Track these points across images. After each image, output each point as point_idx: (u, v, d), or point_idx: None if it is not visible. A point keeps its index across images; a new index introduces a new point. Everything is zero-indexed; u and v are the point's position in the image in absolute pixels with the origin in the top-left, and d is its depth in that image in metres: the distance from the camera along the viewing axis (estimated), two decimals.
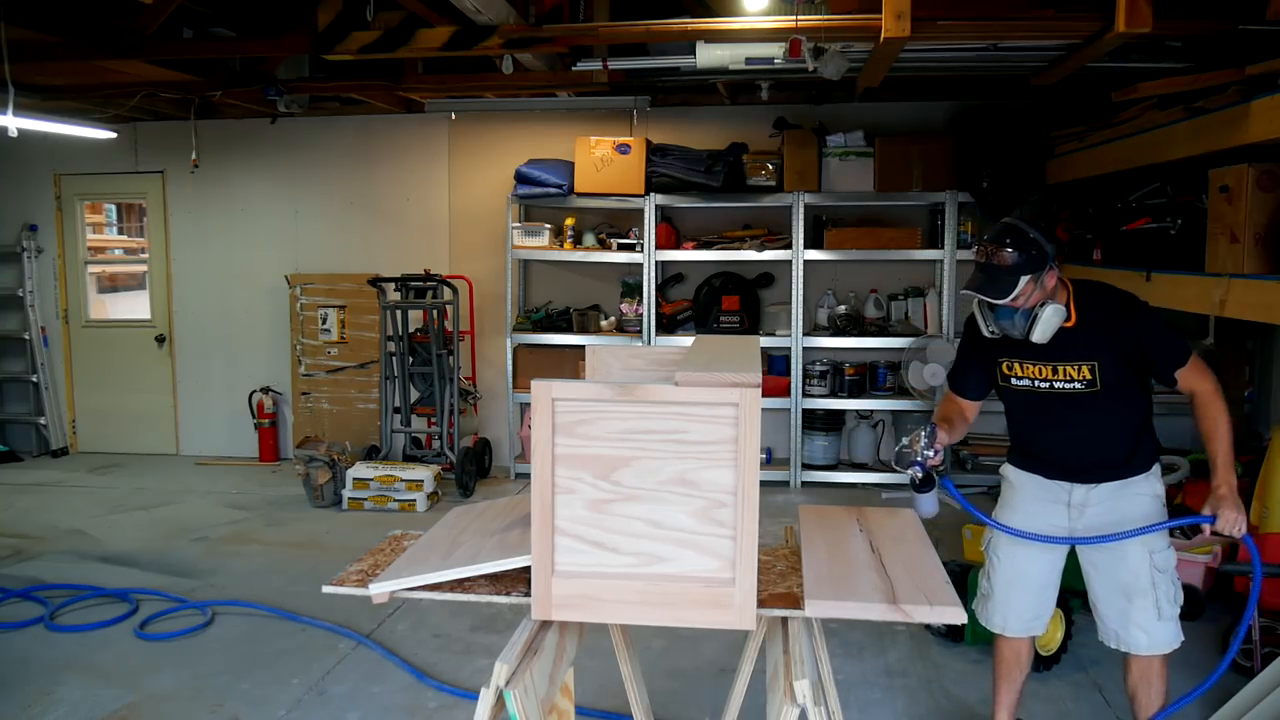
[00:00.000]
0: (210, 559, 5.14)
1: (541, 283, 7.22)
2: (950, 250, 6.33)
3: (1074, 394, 2.62)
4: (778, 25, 4.54)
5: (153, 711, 3.45)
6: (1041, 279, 2.51)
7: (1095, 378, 2.58)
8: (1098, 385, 2.59)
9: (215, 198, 7.51)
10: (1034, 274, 2.49)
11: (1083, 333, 2.58)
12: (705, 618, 1.77)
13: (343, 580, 2.03)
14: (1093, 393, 2.60)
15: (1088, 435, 2.66)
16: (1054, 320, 2.54)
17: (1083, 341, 2.58)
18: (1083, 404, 2.63)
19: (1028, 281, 2.49)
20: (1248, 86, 3.70)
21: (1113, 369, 2.57)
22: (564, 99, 6.79)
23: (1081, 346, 2.58)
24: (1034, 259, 2.49)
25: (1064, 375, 2.61)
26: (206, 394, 7.67)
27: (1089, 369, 2.58)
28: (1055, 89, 5.52)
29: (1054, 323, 2.54)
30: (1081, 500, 2.71)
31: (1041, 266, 2.50)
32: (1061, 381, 2.63)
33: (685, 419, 1.73)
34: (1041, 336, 2.55)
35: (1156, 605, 2.64)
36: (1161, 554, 2.65)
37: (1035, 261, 2.49)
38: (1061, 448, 2.72)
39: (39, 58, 5.05)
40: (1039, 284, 2.51)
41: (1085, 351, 2.58)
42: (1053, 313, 2.53)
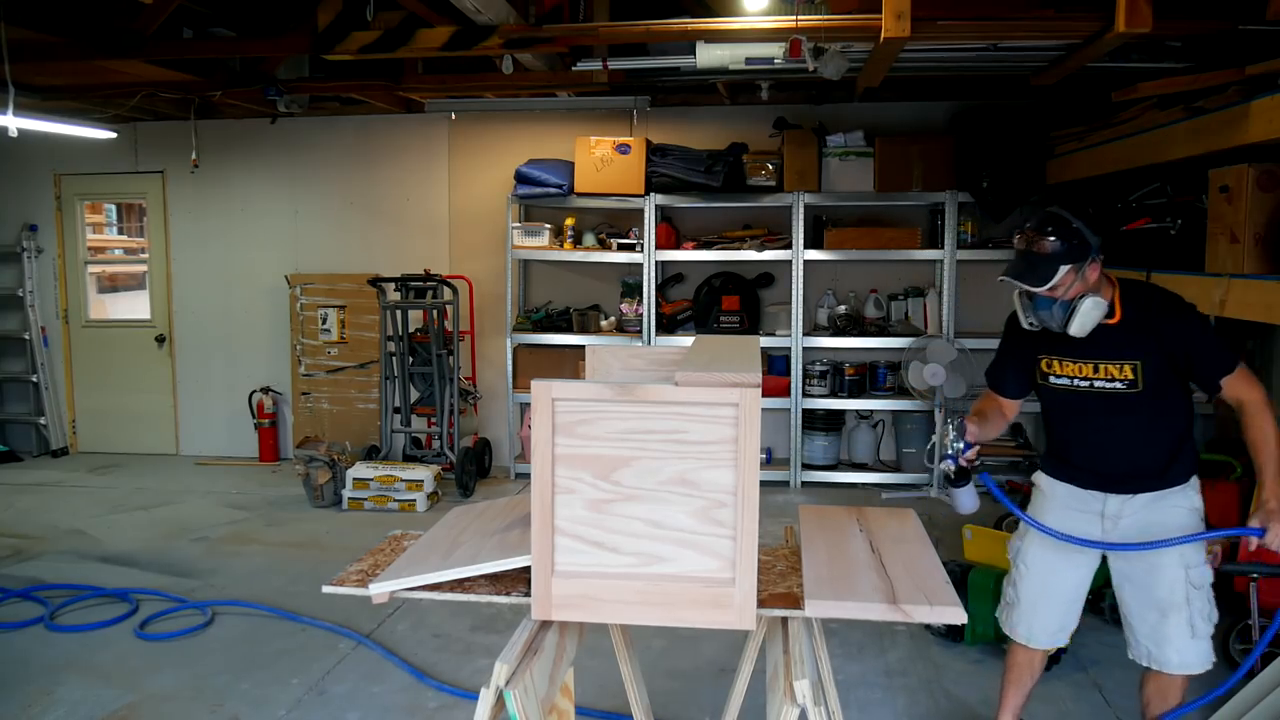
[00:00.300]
0: (210, 559, 5.14)
1: (541, 283, 7.22)
2: (950, 250, 6.33)
3: (1115, 394, 2.53)
4: (778, 25, 4.54)
5: (153, 711, 3.45)
6: (1083, 270, 2.43)
7: (1138, 378, 2.49)
8: (1139, 386, 2.50)
9: (215, 198, 7.51)
10: (1074, 264, 2.41)
11: (1127, 331, 2.50)
12: (705, 618, 1.77)
13: (343, 580, 2.03)
14: (1134, 394, 2.51)
15: (1126, 440, 2.57)
16: (1093, 313, 2.45)
17: (1126, 340, 2.49)
18: (1123, 406, 2.53)
19: (1067, 271, 2.41)
20: (1248, 86, 3.70)
21: (1156, 370, 2.48)
22: (564, 99, 6.79)
23: (1125, 345, 2.50)
24: (1075, 249, 2.42)
25: (1105, 374, 2.53)
26: (206, 394, 7.67)
27: (1131, 369, 2.49)
28: (1055, 89, 5.52)
29: (1093, 316, 2.46)
30: (1116, 511, 2.62)
31: (1083, 257, 2.42)
32: (1103, 381, 2.54)
33: (685, 419, 1.73)
34: (1080, 329, 2.47)
35: (1190, 622, 2.54)
36: (1198, 569, 2.55)
37: (1076, 251, 2.42)
38: (1098, 452, 2.62)
39: (39, 58, 5.05)
40: (1080, 275, 2.43)
41: (1129, 350, 2.49)
42: (1092, 305, 2.44)
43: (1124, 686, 3.58)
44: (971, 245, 6.41)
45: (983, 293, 6.65)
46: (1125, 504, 2.59)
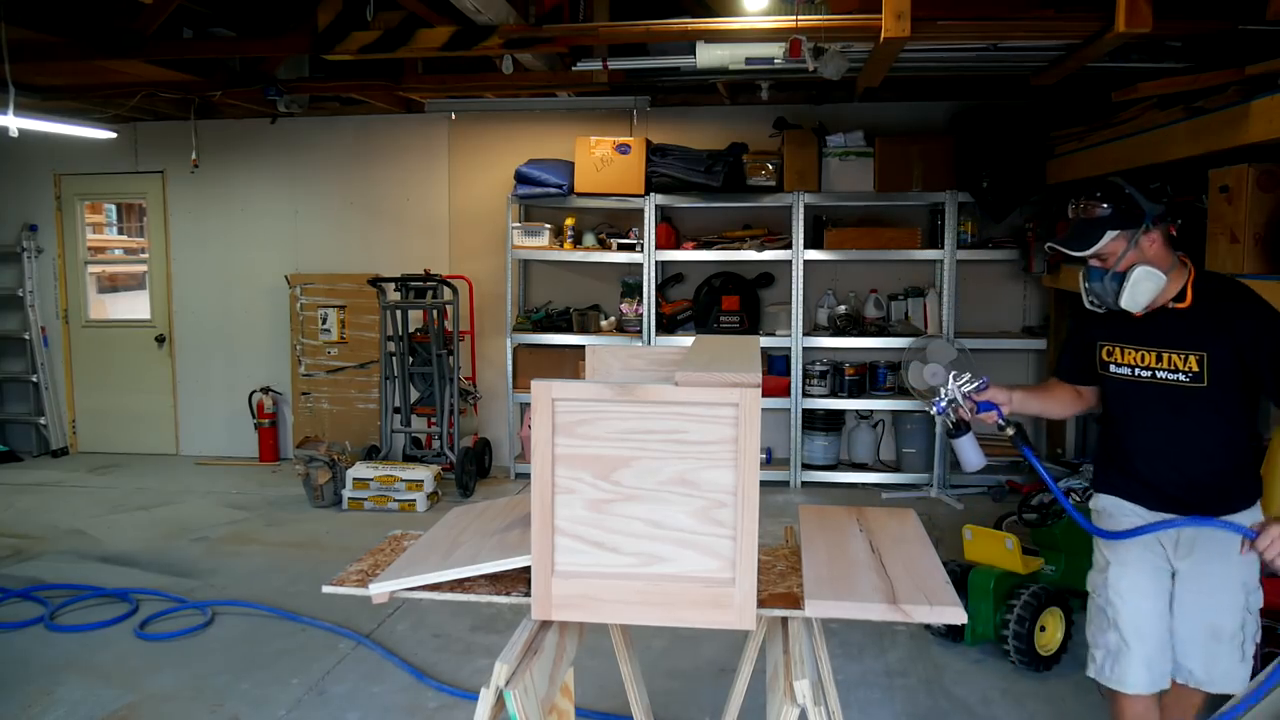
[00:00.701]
0: (210, 559, 5.14)
1: (541, 283, 7.22)
2: (950, 250, 6.33)
3: (1177, 388, 2.33)
4: (778, 25, 4.54)
5: (153, 711, 3.45)
6: (1137, 239, 2.27)
7: (1203, 371, 2.28)
8: (1204, 380, 2.29)
9: (215, 198, 7.51)
10: (1124, 230, 2.27)
11: (1196, 317, 2.30)
12: (705, 618, 1.77)
13: (343, 580, 2.03)
14: (1198, 389, 2.30)
15: (1185, 443, 2.36)
16: (1146, 285, 2.28)
17: (1195, 327, 2.30)
18: (1186, 401, 2.33)
19: (1116, 238, 2.27)
20: (1248, 86, 3.70)
21: (1223, 366, 2.27)
22: (564, 99, 6.79)
23: (1192, 333, 2.30)
24: (1124, 213, 2.28)
25: (1169, 364, 2.32)
26: (206, 394, 7.67)
27: (1197, 360, 2.28)
28: (1055, 89, 5.52)
29: (1146, 288, 2.28)
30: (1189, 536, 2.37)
31: (1134, 224, 2.27)
32: (1165, 371, 2.33)
33: (685, 419, 1.73)
34: (1132, 302, 2.30)
35: (1242, 647, 2.39)
36: (1256, 594, 2.40)
37: (1126, 217, 2.27)
38: (1159, 459, 2.40)
39: (39, 58, 5.05)
40: (1133, 244, 2.27)
41: (1196, 339, 2.29)
42: (1144, 275, 2.27)
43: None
44: (971, 245, 6.41)
45: (983, 293, 6.66)
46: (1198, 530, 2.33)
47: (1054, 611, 3.71)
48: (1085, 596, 4.09)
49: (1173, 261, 2.33)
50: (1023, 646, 3.61)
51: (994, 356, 6.70)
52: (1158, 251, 2.31)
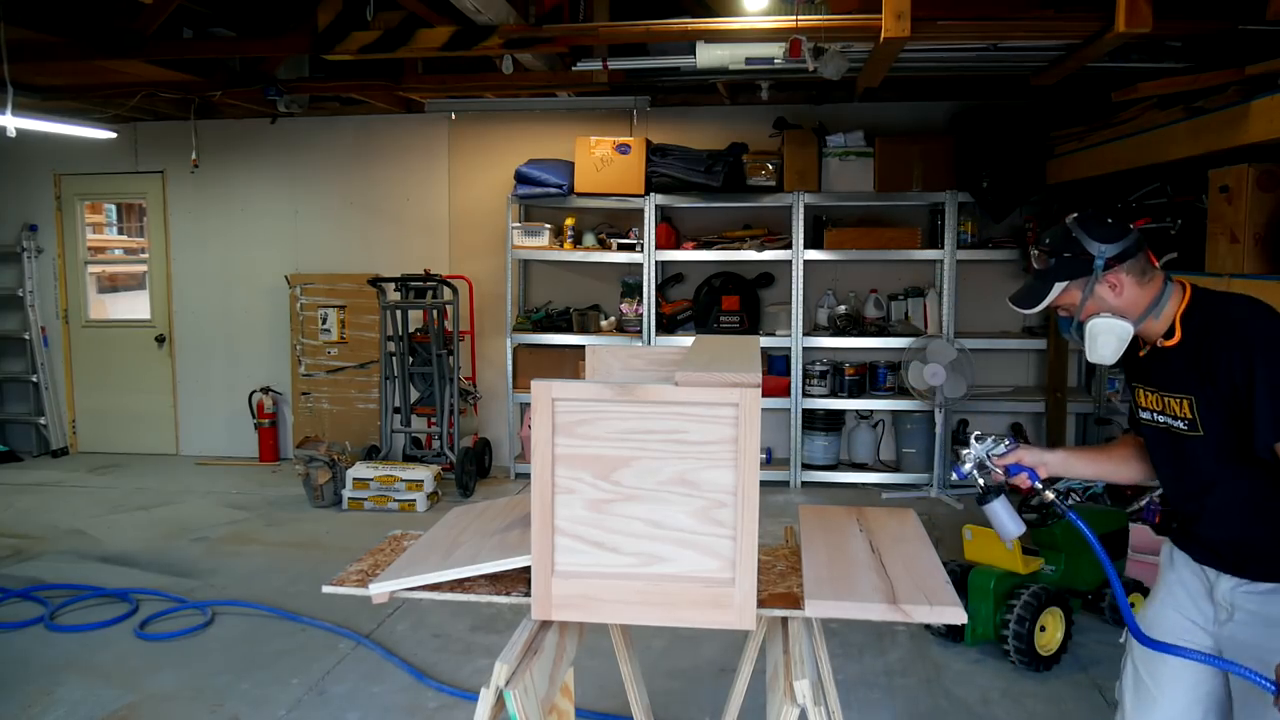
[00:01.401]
0: (210, 559, 5.14)
1: (541, 283, 7.22)
2: (950, 250, 6.33)
3: (1182, 436, 2.06)
4: (778, 25, 4.54)
5: (153, 711, 3.45)
6: (1093, 287, 2.05)
7: (1195, 418, 2.02)
8: (1199, 429, 2.02)
9: (215, 198, 7.51)
10: (1071, 280, 2.07)
11: (1184, 356, 2.03)
12: (705, 618, 1.77)
13: (343, 580, 2.03)
14: (1197, 438, 2.02)
15: (1206, 494, 2.06)
16: (1105, 339, 2.07)
17: (1178, 368, 2.05)
18: (1192, 451, 2.05)
19: (1066, 289, 2.08)
20: (1248, 86, 3.70)
21: (1214, 409, 1.99)
22: (564, 99, 6.79)
23: (1183, 374, 2.04)
24: (1069, 263, 2.07)
25: (1169, 410, 2.08)
26: (206, 394, 7.67)
27: (1188, 405, 2.03)
28: (1055, 89, 5.52)
29: (1105, 342, 2.07)
30: (1228, 599, 2.03)
31: (1080, 272, 2.05)
32: (1167, 418, 2.09)
33: (685, 419, 1.72)
34: (1096, 356, 2.10)
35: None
36: None
37: (1070, 266, 2.06)
38: (1189, 507, 2.13)
39: (39, 58, 5.05)
40: (1089, 292, 2.06)
41: (1183, 381, 2.04)
42: (1102, 328, 2.06)
43: None
44: (971, 245, 6.41)
45: (983, 293, 6.66)
46: (1239, 591, 2.01)
47: (1054, 611, 3.71)
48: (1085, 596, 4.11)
49: (1155, 296, 2.06)
50: (1023, 646, 3.61)
51: (994, 356, 6.70)
52: (1125, 295, 2.06)
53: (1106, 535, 4.12)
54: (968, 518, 5.46)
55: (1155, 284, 2.07)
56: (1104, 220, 2.09)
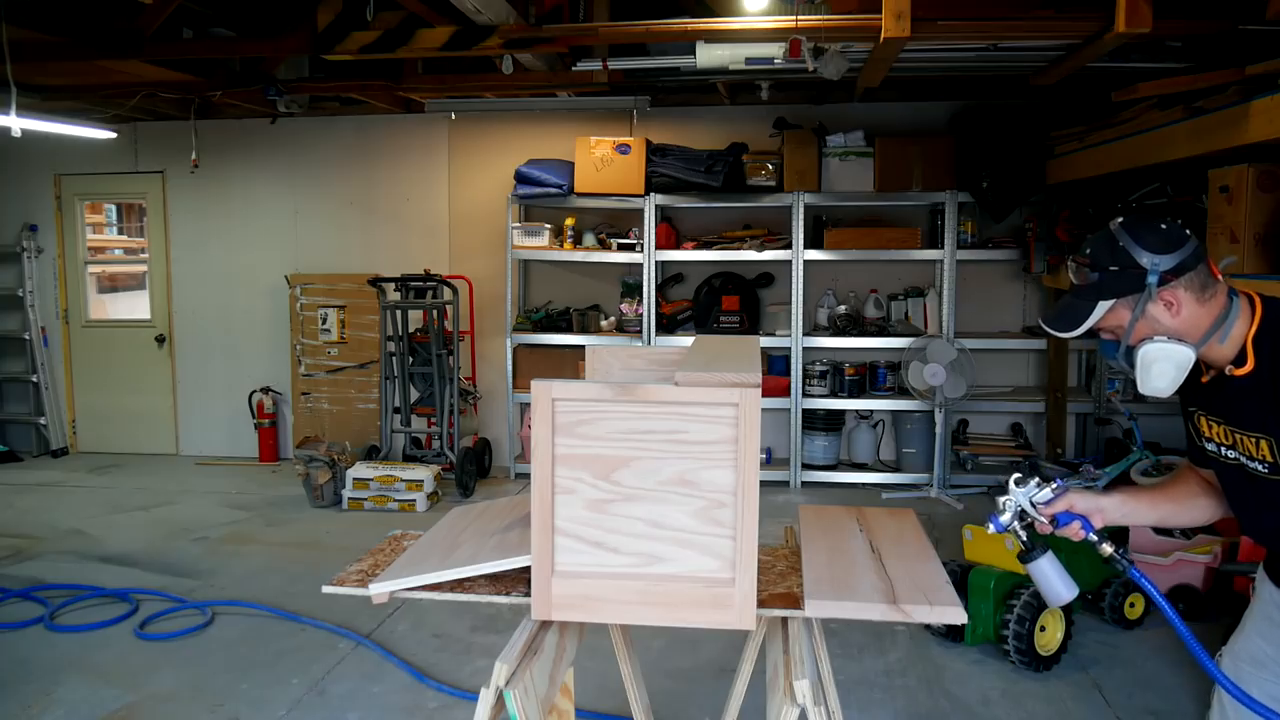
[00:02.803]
0: (210, 559, 5.14)
1: (541, 283, 7.22)
2: (950, 250, 6.33)
3: (1261, 478, 1.80)
4: (778, 25, 4.54)
5: (153, 711, 3.45)
6: (1144, 306, 1.76)
7: (1277, 461, 1.76)
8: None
9: (215, 198, 7.51)
10: (1120, 298, 1.78)
11: (1255, 390, 1.75)
12: (705, 618, 1.77)
13: (343, 580, 2.03)
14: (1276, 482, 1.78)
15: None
16: (1161, 368, 1.77)
17: (1254, 403, 1.76)
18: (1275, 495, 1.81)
19: (1113, 309, 1.79)
20: (1248, 86, 3.70)
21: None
22: (564, 99, 6.79)
23: (1257, 409, 1.76)
24: (1114, 278, 1.77)
25: (1243, 448, 1.81)
26: (206, 394, 7.67)
27: (1268, 446, 1.76)
28: (1055, 89, 5.52)
29: (1162, 371, 1.77)
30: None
31: (1129, 289, 1.76)
32: (1239, 455, 1.83)
33: (685, 419, 1.72)
34: (1151, 389, 1.80)
35: None
36: None
37: (1118, 282, 1.77)
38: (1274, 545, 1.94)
39: (39, 58, 5.05)
40: (1139, 312, 1.76)
41: (1260, 417, 1.76)
42: (1156, 355, 1.77)
43: (1124, 686, 3.58)
44: (971, 245, 6.41)
45: (983, 293, 6.67)
46: None
47: (1054, 612, 3.71)
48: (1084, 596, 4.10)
49: (1218, 314, 1.77)
50: (1023, 646, 3.61)
51: (994, 356, 6.70)
52: (1184, 314, 1.77)
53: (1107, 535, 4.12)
54: (968, 518, 5.46)
55: (1218, 300, 1.77)
56: (1156, 226, 1.78)
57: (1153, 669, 3.72)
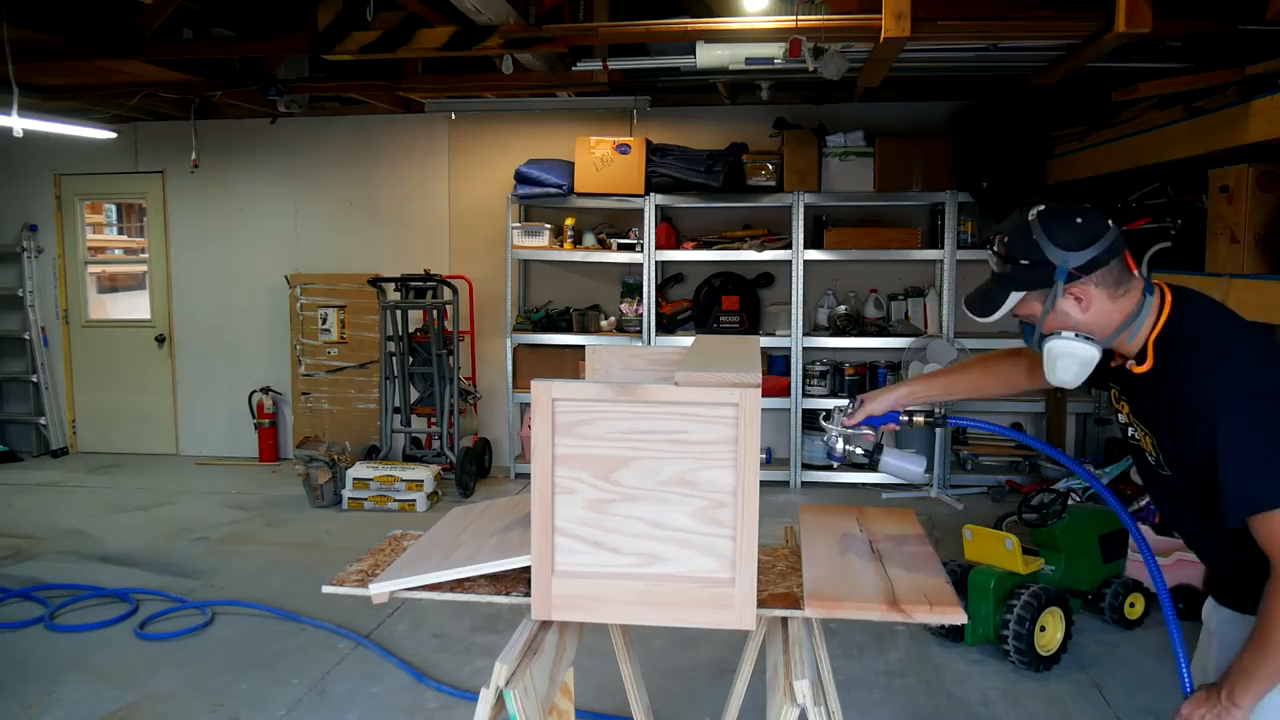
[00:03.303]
0: (210, 559, 5.14)
1: (541, 283, 7.22)
2: (950, 250, 6.33)
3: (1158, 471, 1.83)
4: (778, 25, 4.54)
5: (153, 711, 3.45)
6: (1054, 301, 1.76)
7: (1159, 457, 1.79)
8: (1165, 468, 1.79)
9: (215, 198, 7.51)
10: (1030, 290, 1.79)
11: (1151, 387, 1.76)
12: (705, 618, 1.77)
13: (343, 580, 2.03)
14: (1166, 476, 1.80)
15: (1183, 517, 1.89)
16: (1065, 363, 1.79)
17: (1149, 400, 1.77)
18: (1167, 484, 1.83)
19: (1024, 300, 1.80)
20: (1248, 86, 3.70)
21: (1177, 461, 1.75)
22: (564, 99, 6.79)
23: (1147, 406, 1.79)
24: (1026, 271, 1.76)
25: (1143, 439, 1.84)
26: (206, 394, 7.67)
27: (1150, 441, 1.80)
28: (1055, 89, 5.52)
29: (1066, 366, 1.79)
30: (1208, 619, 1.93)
31: (1039, 283, 1.76)
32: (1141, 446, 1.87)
33: (685, 419, 1.72)
34: (1054, 378, 1.83)
35: None
36: None
37: (1027, 275, 1.77)
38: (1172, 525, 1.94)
39: (39, 58, 5.05)
40: (1050, 305, 1.77)
41: (1149, 415, 1.79)
42: (1061, 351, 1.79)
43: (1124, 686, 3.58)
44: (971, 245, 6.41)
45: None
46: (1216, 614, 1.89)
47: (1054, 611, 3.71)
48: (1085, 596, 4.11)
49: (1131, 311, 1.76)
50: (1023, 646, 3.61)
51: None
52: (1094, 310, 1.76)
53: (1107, 535, 4.13)
54: (968, 518, 5.46)
55: (1132, 296, 1.77)
56: (1072, 219, 1.75)
57: (1153, 669, 3.72)
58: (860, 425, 2.16)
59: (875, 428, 2.15)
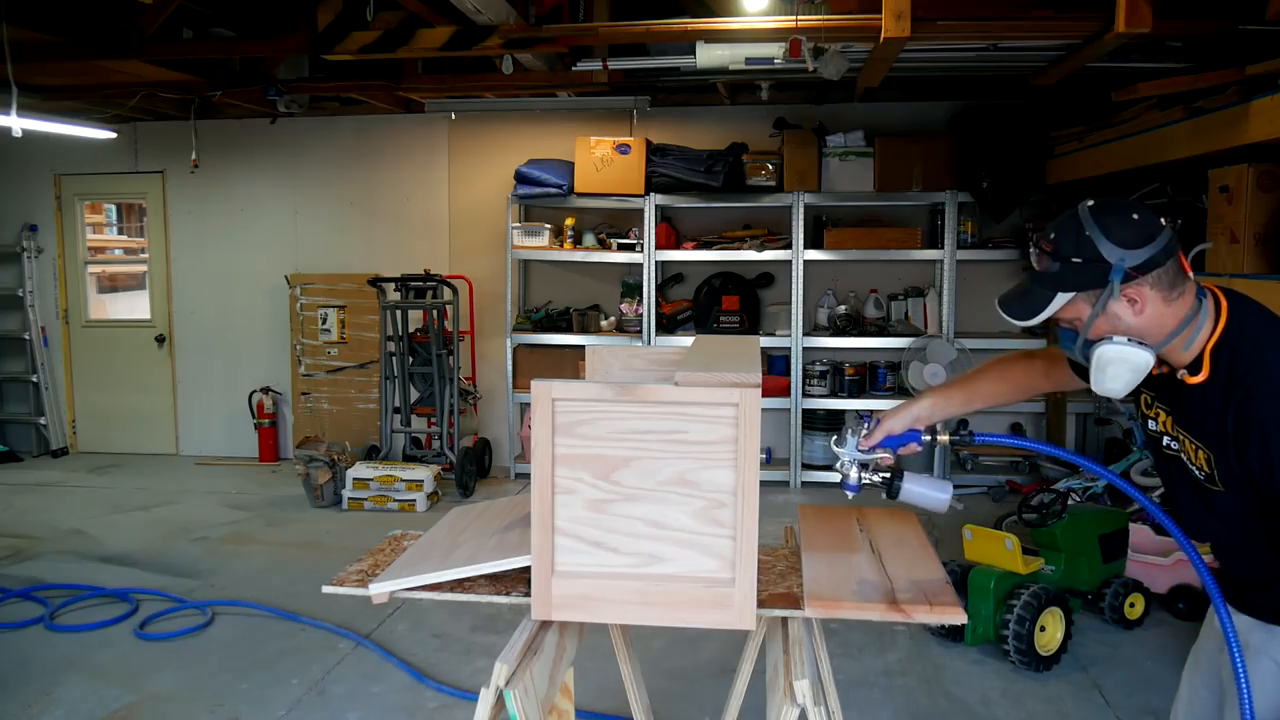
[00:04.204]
0: (210, 559, 5.14)
1: (541, 283, 7.22)
2: (950, 250, 6.33)
3: (1200, 484, 1.73)
4: (778, 25, 4.54)
5: (153, 711, 3.45)
6: (1106, 302, 1.63)
7: (1213, 472, 1.68)
8: (1217, 484, 1.69)
9: (215, 198, 7.51)
10: (1081, 291, 1.65)
11: (1209, 399, 1.65)
12: (705, 618, 1.77)
13: (343, 580, 2.03)
14: (1217, 493, 1.70)
15: (1226, 540, 1.80)
16: (1117, 370, 1.65)
17: (1206, 413, 1.66)
18: (1213, 499, 1.73)
19: (1072, 302, 1.66)
20: (1248, 86, 3.70)
21: (1236, 477, 1.66)
22: (564, 99, 6.79)
23: (1203, 420, 1.68)
24: (1076, 270, 1.63)
25: (1188, 452, 1.73)
26: (206, 394, 7.67)
27: (1204, 456, 1.69)
28: (1055, 89, 5.52)
29: (1117, 374, 1.66)
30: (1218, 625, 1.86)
31: (1092, 283, 1.63)
32: (1184, 455, 1.75)
33: (685, 419, 1.72)
34: (1101, 387, 1.69)
35: None
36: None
37: (1079, 274, 1.63)
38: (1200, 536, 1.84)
39: (39, 58, 5.05)
40: (1100, 308, 1.63)
41: (1204, 430, 1.68)
42: (1113, 357, 1.65)
43: (1124, 686, 3.58)
44: (971, 245, 6.41)
45: (983, 293, 6.66)
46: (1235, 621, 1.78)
47: (1054, 611, 3.71)
48: (1085, 596, 4.11)
49: (1184, 315, 1.64)
50: (1023, 646, 3.61)
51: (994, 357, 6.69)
52: (1148, 313, 1.64)
53: (1107, 535, 4.12)
54: (968, 518, 5.45)
55: (1186, 299, 1.64)
56: (1128, 215, 1.63)
57: (1153, 669, 3.72)
58: (878, 447, 1.94)
59: (894, 450, 1.95)
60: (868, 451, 1.94)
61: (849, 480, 1.97)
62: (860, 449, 1.94)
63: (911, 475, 1.96)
